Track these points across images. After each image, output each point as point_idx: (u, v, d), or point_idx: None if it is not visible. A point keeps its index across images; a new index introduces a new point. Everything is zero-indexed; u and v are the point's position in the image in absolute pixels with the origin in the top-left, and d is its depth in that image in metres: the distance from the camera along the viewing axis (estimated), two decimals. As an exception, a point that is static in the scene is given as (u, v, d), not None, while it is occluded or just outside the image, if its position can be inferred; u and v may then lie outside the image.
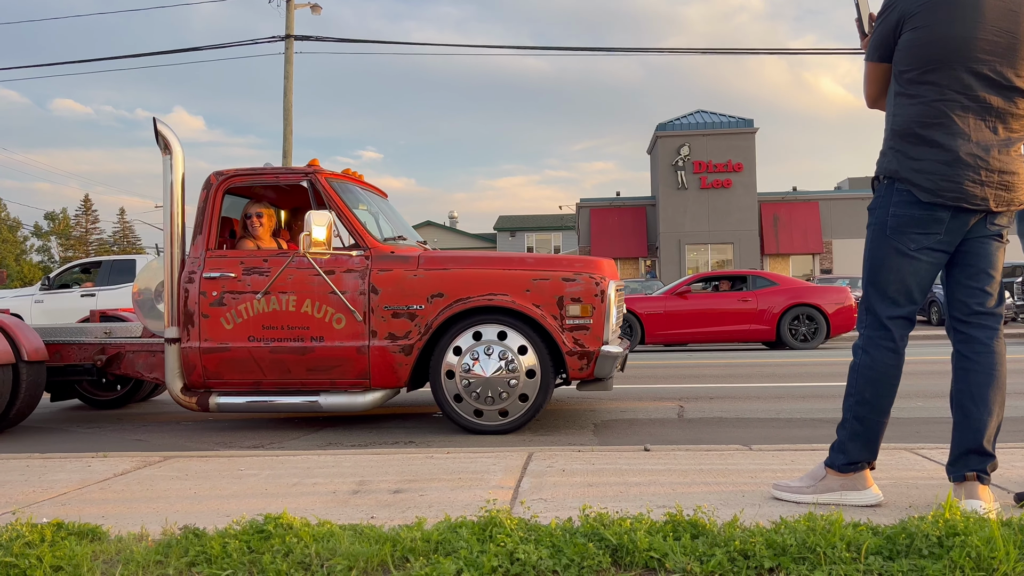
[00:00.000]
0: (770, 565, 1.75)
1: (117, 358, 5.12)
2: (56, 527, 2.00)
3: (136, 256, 14.48)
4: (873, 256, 2.45)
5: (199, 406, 4.71)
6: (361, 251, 4.70)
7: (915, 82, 2.36)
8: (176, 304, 4.73)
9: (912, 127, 2.36)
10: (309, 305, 4.62)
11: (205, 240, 4.81)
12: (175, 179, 4.80)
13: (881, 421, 2.43)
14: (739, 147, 31.82)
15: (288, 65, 21.21)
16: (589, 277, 4.58)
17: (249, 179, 4.92)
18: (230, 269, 4.72)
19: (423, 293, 4.58)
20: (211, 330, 4.67)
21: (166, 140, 4.78)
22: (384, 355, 4.57)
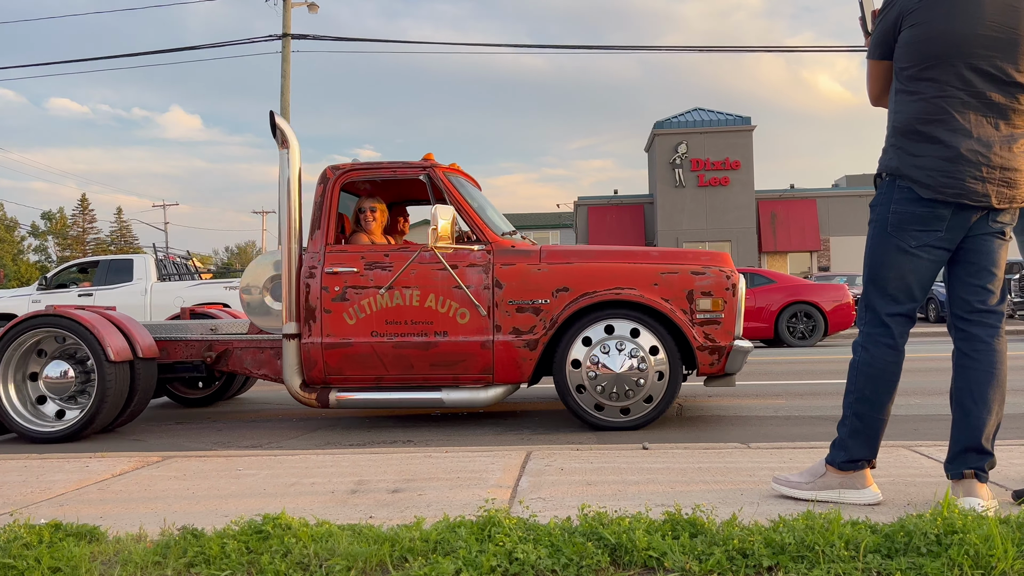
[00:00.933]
0: (769, 564, 1.75)
1: (225, 355, 5.07)
2: (54, 528, 2.00)
3: (133, 256, 14.45)
4: (874, 253, 2.45)
5: (319, 402, 4.70)
6: (482, 245, 4.69)
7: (915, 79, 2.35)
8: (295, 300, 4.69)
9: (913, 124, 2.35)
10: (433, 300, 4.61)
11: (324, 235, 4.78)
12: (292, 174, 4.77)
13: (881, 419, 2.44)
14: (737, 145, 31.82)
15: (285, 64, 21.18)
16: (719, 271, 4.55)
17: (365, 173, 4.90)
18: (351, 264, 4.70)
19: (548, 287, 4.56)
20: (333, 325, 4.65)
21: (284, 134, 4.74)
22: (508, 350, 4.55)
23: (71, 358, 4.77)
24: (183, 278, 14.85)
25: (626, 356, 4.45)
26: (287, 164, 4.76)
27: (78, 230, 72.16)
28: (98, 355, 4.58)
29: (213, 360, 5.05)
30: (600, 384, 4.46)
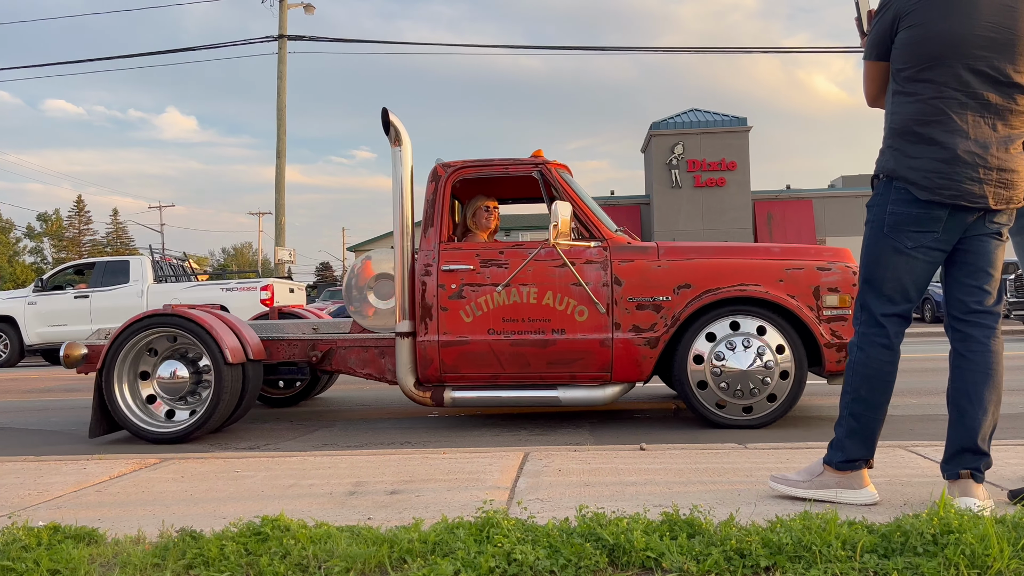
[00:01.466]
0: (766, 564, 1.76)
1: (329, 354, 5.03)
2: (52, 530, 2.00)
3: (129, 257, 14.42)
4: (870, 254, 2.46)
5: (433, 401, 4.67)
6: (598, 242, 4.67)
7: (912, 80, 2.36)
8: (410, 298, 4.68)
9: (911, 125, 2.36)
10: (551, 297, 4.58)
11: (437, 233, 4.76)
12: (404, 172, 4.75)
13: (877, 418, 2.44)
14: (733, 146, 31.86)
15: (281, 65, 21.16)
16: (844, 266, 4.51)
17: (476, 171, 4.88)
18: (467, 261, 4.68)
19: (669, 284, 4.53)
20: (450, 323, 4.63)
21: (397, 132, 4.72)
22: (628, 348, 4.52)
23: (182, 358, 4.73)
24: (179, 280, 14.82)
25: (753, 353, 4.42)
26: (400, 162, 4.72)
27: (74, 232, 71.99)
28: (215, 356, 4.55)
29: (318, 360, 5.00)
30: (724, 381, 4.43)
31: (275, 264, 22.36)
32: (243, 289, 13.96)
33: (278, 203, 21.50)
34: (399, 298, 4.67)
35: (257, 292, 13.90)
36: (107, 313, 13.72)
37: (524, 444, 4.29)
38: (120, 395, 4.62)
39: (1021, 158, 2.34)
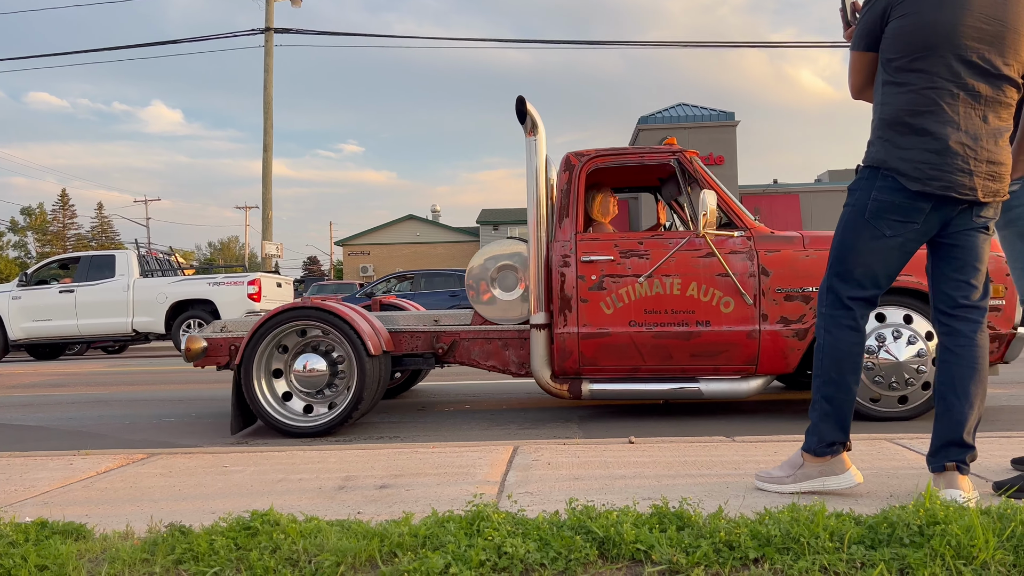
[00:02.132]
0: (755, 556, 1.77)
1: (453, 346, 4.98)
2: (40, 526, 1.99)
3: (115, 252, 14.31)
4: (845, 237, 2.47)
5: (571, 394, 4.62)
6: (741, 231, 4.61)
7: (904, 70, 2.36)
8: (546, 289, 4.63)
9: (902, 116, 2.36)
10: (695, 288, 4.50)
11: (572, 223, 4.71)
12: (540, 161, 4.68)
13: (848, 399, 2.47)
14: (720, 140, 31.94)
15: (268, 58, 21.04)
16: (997, 256, 4.41)
17: (610, 160, 4.82)
18: (606, 252, 4.62)
19: (817, 274, 4.46)
20: (590, 315, 4.57)
21: (533, 121, 4.64)
22: (775, 340, 4.46)
23: (314, 351, 4.68)
24: (166, 274, 14.73)
25: (904, 343, 4.36)
26: (534, 151, 4.66)
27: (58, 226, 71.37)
28: (358, 349, 4.50)
29: (444, 352, 4.95)
30: (878, 374, 4.38)
31: (262, 258, 22.26)
32: (230, 283, 13.88)
33: (265, 197, 21.40)
34: (534, 289, 4.62)
35: (244, 287, 13.83)
36: (92, 308, 13.62)
37: (513, 438, 4.29)
38: (259, 389, 4.56)
39: (1008, 151, 2.36)
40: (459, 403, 5.88)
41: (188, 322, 13.62)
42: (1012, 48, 2.29)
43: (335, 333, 4.57)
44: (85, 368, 11.37)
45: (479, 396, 6.25)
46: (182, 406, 6.30)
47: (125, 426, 5.30)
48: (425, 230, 47.93)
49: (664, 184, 5.69)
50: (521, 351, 4.85)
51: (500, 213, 47.81)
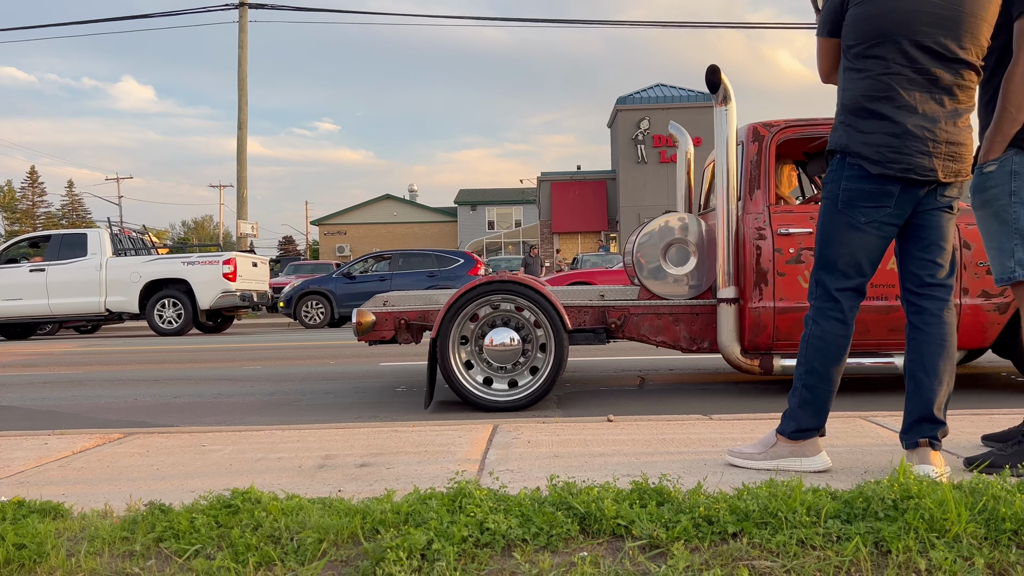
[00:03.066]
0: (733, 530, 1.79)
1: (623, 321, 4.86)
2: (17, 505, 1.97)
3: (87, 230, 14.10)
4: (824, 229, 2.51)
5: (762, 369, 4.55)
6: None
7: (862, 56, 2.40)
8: (734, 262, 4.52)
9: (860, 101, 2.40)
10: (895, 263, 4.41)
11: (764, 195, 4.61)
12: (731, 132, 4.53)
13: (829, 390, 2.50)
14: (699, 121, 31.92)
15: (242, 34, 20.71)
16: None
17: (800, 130, 4.69)
18: (802, 225, 4.51)
19: None
20: (787, 289, 4.48)
21: (727, 91, 4.48)
22: (976, 314, 4.40)
23: (505, 325, 4.61)
24: (139, 253, 14.54)
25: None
26: (726, 122, 4.52)
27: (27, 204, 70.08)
28: (556, 323, 4.47)
29: (616, 327, 4.86)
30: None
31: (237, 238, 22.04)
32: (205, 263, 13.74)
33: (240, 175, 21.15)
34: (723, 264, 4.52)
35: (219, 266, 13.70)
36: (64, 287, 13.42)
37: (492, 417, 4.31)
38: (455, 363, 4.51)
39: (968, 131, 2.41)
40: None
41: (162, 301, 13.49)
42: (969, 32, 2.33)
43: (533, 309, 4.53)
44: (57, 348, 11.22)
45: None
46: (158, 386, 6.25)
47: (100, 406, 5.25)
48: (402, 210, 47.69)
49: (812, 159, 5.57)
50: (693, 326, 4.78)
51: (478, 193, 47.68)
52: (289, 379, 6.44)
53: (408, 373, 6.54)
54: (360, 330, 4.76)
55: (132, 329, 17.19)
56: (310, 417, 4.56)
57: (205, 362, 8.22)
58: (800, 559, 1.70)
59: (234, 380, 6.49)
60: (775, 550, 1.73)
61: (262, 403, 5.18)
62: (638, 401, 4.84)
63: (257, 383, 6.24)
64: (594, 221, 33.34)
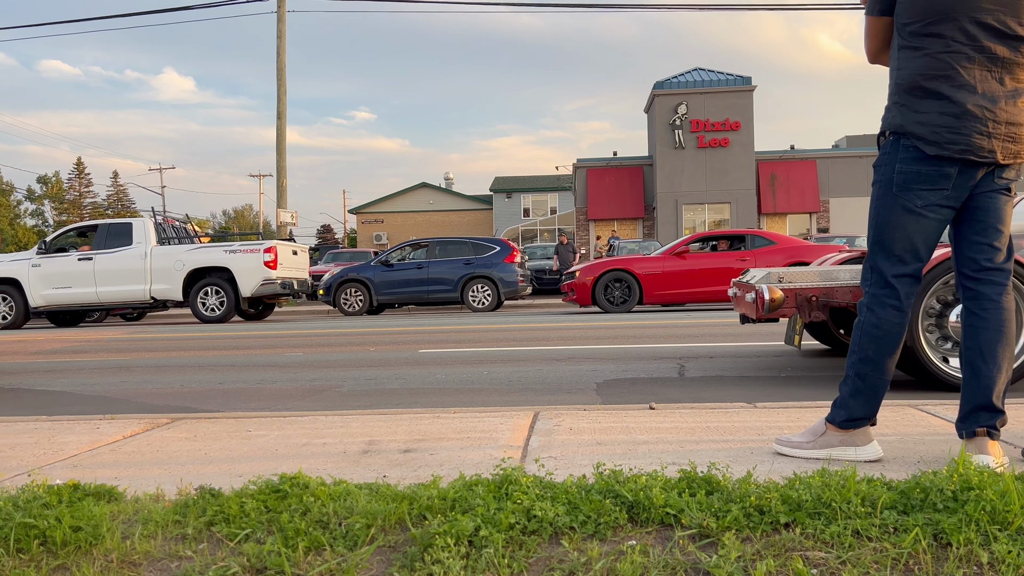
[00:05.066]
0: (786, 520, 1.76)
1: None
2: (73, 488, 2.01)
3: (132, 220, 14.38)
4: (879, 214, 2.43)
5: None
6: None
7: (919, 34, 2.32)
8: None
9: (917, 80, 2.33)
10: None
11: None
12: None
13: (883, 379, 2.44)
14: (737, 105, 31.55)
15: (280, 24, 20.87)
16: None
17: None
18: None
19: None
20: None
21: None
22: None
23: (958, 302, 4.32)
24: (182, 241, 14.80)
25: None
26: None
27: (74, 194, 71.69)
28: None
29: None
30: None
31: (277, 226, 22.29)
32: (246, 251, 13.94)
33: (279, 165, 21.37)
34: None
35: (260, 254, 13.88)
36: (111, 275, 13.73)
37: (530, 404, 4.30)
38: (923, 340, 4.36)
39: None
40: (474, 362, 5.89)
41: (205, 289, 13.71)
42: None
43: None
44: (105, 335, 11.48)
45: (491, 359, 6.27)
46: (203, 372, 6.35)
47: (148, 391, 5.35)
48: (438, 198, 47.82)
49: None
50: None
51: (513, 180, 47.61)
52: (331, 365, 6.51)
53: (447, 359, 6.56)
54: (773, 306, 4.57)
55: (176, 316, 17.52)
56: (352, 403, 4.60)
57: (248, 349, 8.34)
58: (856, 550, 1.66)
59: (276, 366, 6.57)
60: (829, 541, 1.69)
61: (305, 389, 5.24)
62: (679, 388, 4.79)
63: (299, 369, 6.31)
64: (630, 208, 33.09)
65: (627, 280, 12.72)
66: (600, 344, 7.54)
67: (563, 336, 8.59)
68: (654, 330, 8.99)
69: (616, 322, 10.52)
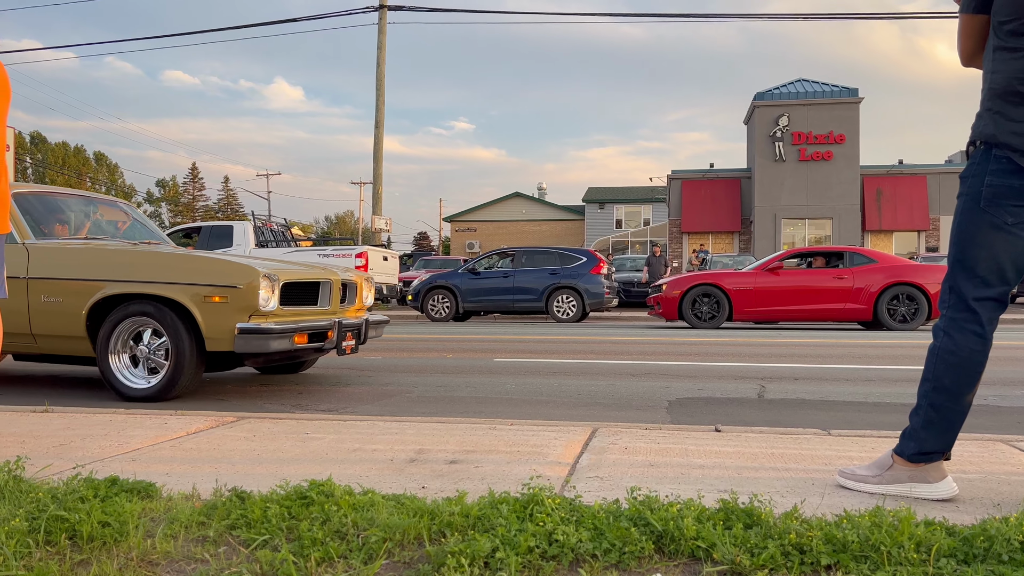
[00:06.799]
0: (827, 562, 1.62)
1: None
2: (111, 483, 2.05)
3: (233, 223, 15.01)
4: (963, 230, 2.23)
5: None
6: None
7: (1017, 34, 2.11)
8: None
9: (1014, 84, 2.11)
10: None
11: None
12: None
13: (959, 411, 2.22)
14: (842, 117, 30.36)
15: (381, 35, 21.40)
16: None
17: None
18: None
19: None
20: None
21: None
22: None
23: None
24: (280, 245, 15.33)
25: None
26: None
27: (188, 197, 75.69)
28: None
29: None
30: None
31: (372, 232, 22.83)
32: (338, 255, 14.33)
33: (376, 172, 21.90)
34: None
35: (352, 259, 14.25)
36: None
37: (596, 419, 4.19)
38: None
39: None
40: (545, 373, 5.81)
41: (297, 292, 14.15)
42: None
43: None
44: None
45: (563, 370, 6.17)
46: (284, 376, 6.51)
47: (224, 389, 5.51)
48: (531, 208, 47.99)
49: None
50: None
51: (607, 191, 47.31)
52: (405, 370, 6.56)
53: (519, 369, 6.51)
54: None
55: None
56: (418, 409, 4.60)
57: (330, 351, 8.51)
58: (903, 601, 1.51)
59: (353, 368, 6.68)
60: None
61: (376, 392, 5.29)
62: (755, 411, 4.58)
63: (375, 373, 6.39)
64: (726, 221, 32.29)
65: (716, 295, 12.38)
66: (679, 360, 7.34)
67: (642, 350, 8.41)
68: (738, 347, 8.69)
69: (699, 338, 10.24)
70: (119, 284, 4.71)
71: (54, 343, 4.93)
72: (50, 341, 4.92)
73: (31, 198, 5.39)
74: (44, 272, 4.86)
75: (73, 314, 4.78)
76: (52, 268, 4.86)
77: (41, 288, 4.84)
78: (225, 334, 4.60)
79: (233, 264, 4.72)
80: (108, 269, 4.78)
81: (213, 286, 4.61)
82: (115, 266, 4.79)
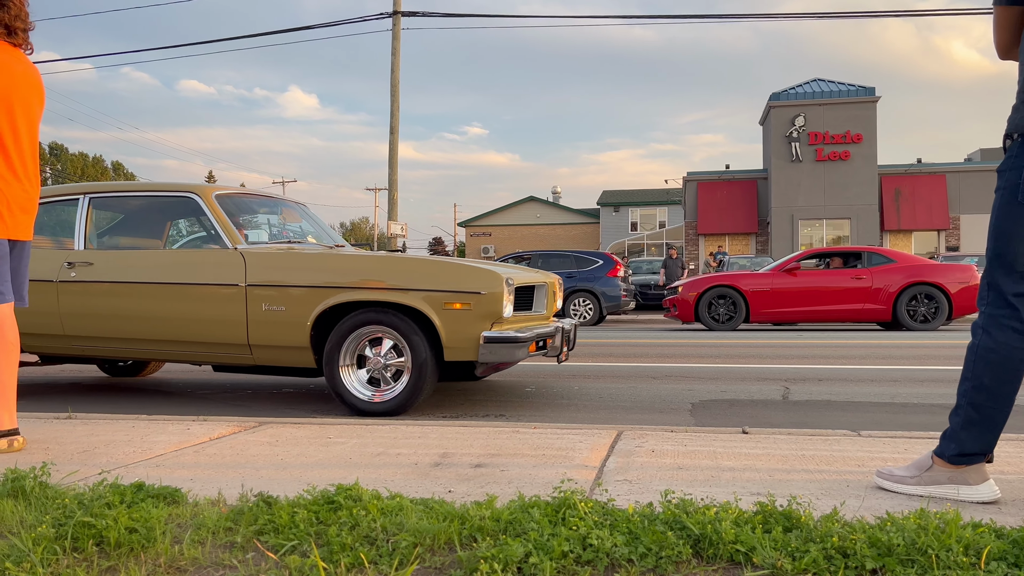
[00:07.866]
0: (872, 566, 1.57)
1: None
2: (136, 489, 2.03)
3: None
4: (1000, 224, 2.17)
5: None
6: None
7: None
8: None
9: None
10: None
11: None
12: None
13: (1002, 410, 2.16)
14: (859, 117, 30.13)
15: (395, 41, 21.46)
16: None
17: None
18: None
19: None
20: None
21: None
22: None
23: None
24: (295, 251, 15.36)
25: None
26: None
27: (205, 206, 76.18)
28: None
29: None
30: None
31: (388, 238, 22.88)
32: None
33: (391, 178, 21.93)
34: None
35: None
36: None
37: (620, 422, 4.15)
38: None
39: None
40: (566, 376, 5.76)
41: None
42: None
43: None
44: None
45: (584, 373, 6.12)
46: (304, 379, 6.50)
47: (245, 394, 5.50)
48: (545, 212, 47.93)
49: None
50: None
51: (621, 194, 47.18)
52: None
53: (539, 372, 6.47)
54: None
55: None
56: (439, 413, 4.57)
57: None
58: (953, 606, 1.46)
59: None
60: (922, 593, 1.49)
61: (394, 398, 5.26)
62: (781, 412, 4.52)
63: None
64: (743, 222, 32.10)
65: (733, 297, 12.28)
66: (700, 362, 7.27)
67: (661, 353, 8.34)
68: (759, 349, 8.61)
69: (719, 340, 10.15)
70: (351, 291, 4.40)
71: (273, 354, 4.62)
72: (269, 352, 4.62)
73: (237, 200, 5.05)
74: (266, 279, 4.58)
75: (297, 323, 4.48)
76: (275, 274, 4.58)
77: (262, 296, 4.55)
78: (466, 343, 4.27)
79: (475, 269, 4.37)
80: (338, 274, 4.46)
81: (454, 292, 4.27)
82: (345, 271, 4.47)
